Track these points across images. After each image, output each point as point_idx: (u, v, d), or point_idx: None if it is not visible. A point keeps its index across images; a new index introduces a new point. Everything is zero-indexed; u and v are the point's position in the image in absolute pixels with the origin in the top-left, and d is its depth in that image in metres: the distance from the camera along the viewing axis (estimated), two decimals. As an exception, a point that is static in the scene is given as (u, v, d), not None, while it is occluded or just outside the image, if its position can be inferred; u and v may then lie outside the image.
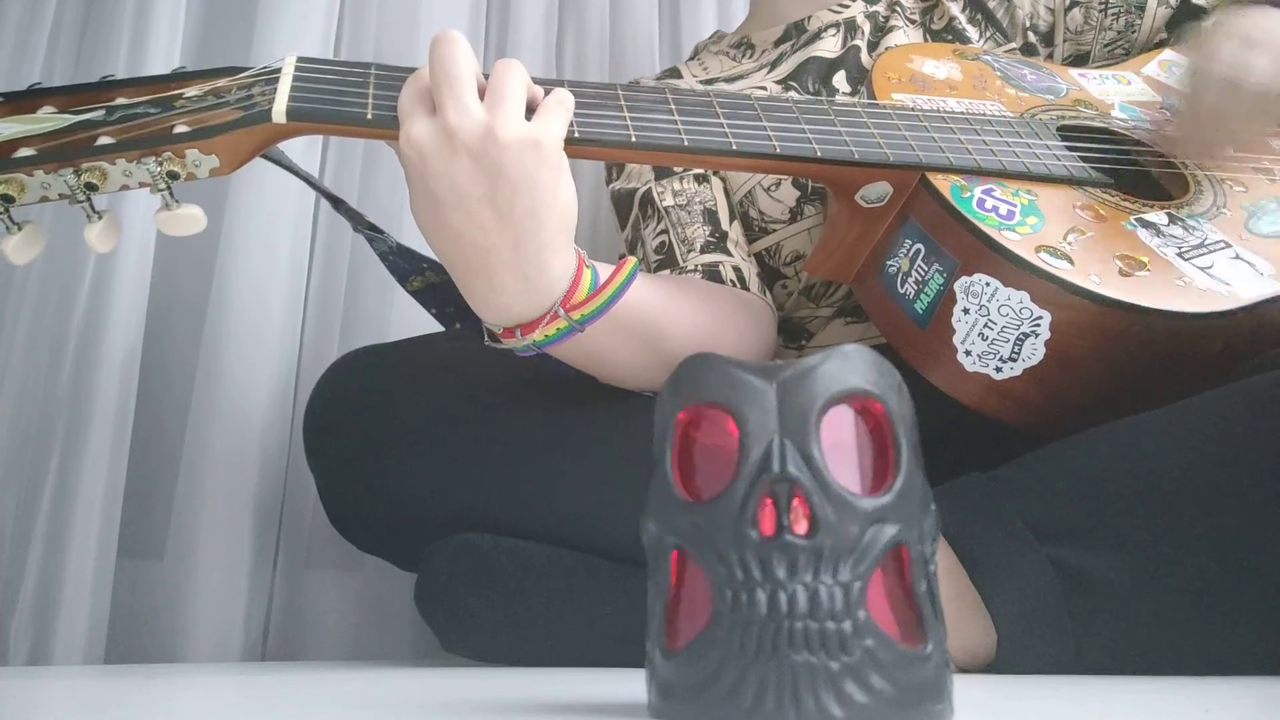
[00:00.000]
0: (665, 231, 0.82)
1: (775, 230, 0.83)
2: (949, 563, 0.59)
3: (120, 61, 0.84)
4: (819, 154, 0.64)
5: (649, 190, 0.85)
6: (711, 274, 0.78)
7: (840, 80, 0.87)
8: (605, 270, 0.59)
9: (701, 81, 0.93)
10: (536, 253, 0.55)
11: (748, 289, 0.78)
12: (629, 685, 0.49)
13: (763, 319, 0.78)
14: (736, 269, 0.79)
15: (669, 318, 0.65)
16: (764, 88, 0.88)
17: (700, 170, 0.85)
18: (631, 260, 0.59)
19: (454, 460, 0.68)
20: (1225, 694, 0.46)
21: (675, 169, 0.85)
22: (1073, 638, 0.56)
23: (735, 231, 0.83)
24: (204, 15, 0.97)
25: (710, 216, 0.82)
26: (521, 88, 0.54)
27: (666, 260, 0.80)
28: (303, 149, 0.92)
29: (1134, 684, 0.50)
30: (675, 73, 0.96)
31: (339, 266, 0.97)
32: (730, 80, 0.91)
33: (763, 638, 0.30)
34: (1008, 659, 0.57)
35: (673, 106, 0.63)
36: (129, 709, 0.43)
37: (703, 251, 0.80)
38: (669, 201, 0.83)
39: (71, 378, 0.79)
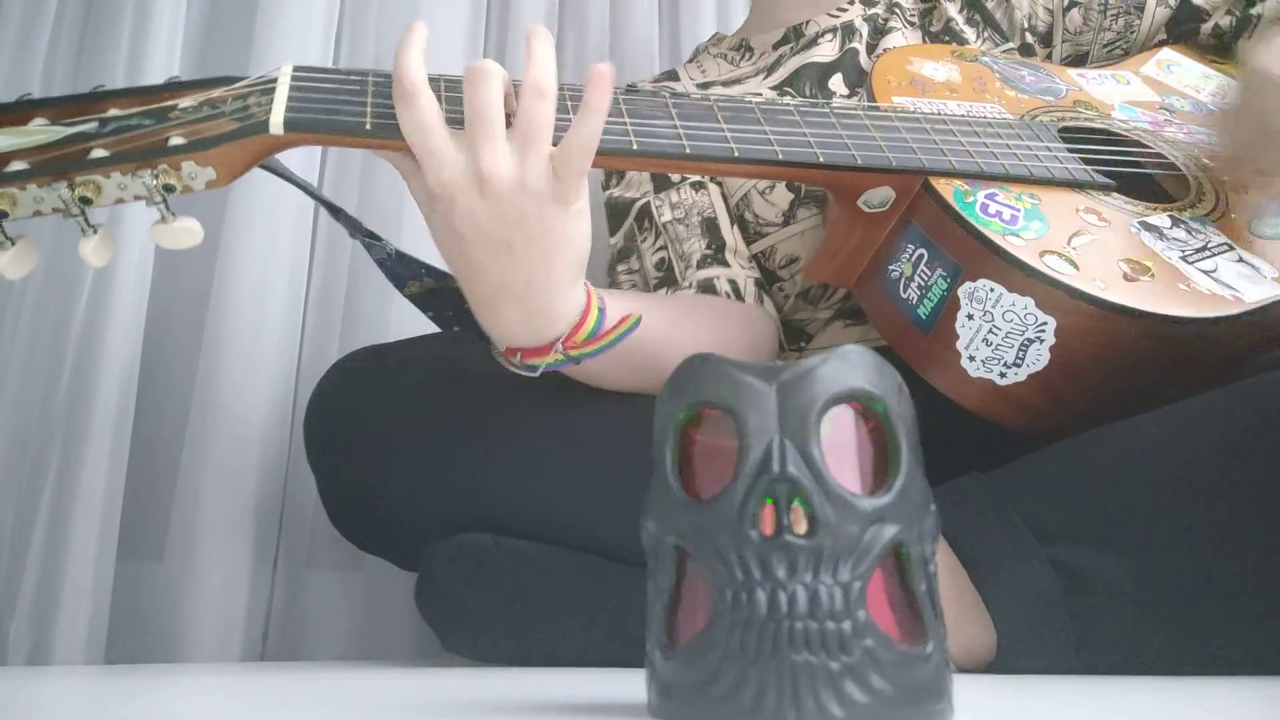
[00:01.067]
0: (664, 248, 0.83)
1: (769, 233, 0.83)
2: (949, 563, 0.59)
3: (120, 63, 0.84)
4: (821, 159, 0.63)
5: (647, 204, 0.85)
6: (706, 289, 0.79)
7: (837, 83, 0.87)
8: (615, 310, 0.61)
9: (699, 85, 0.93)
10: (545, 293, 0.56)
11: (742, 300, 0.78)
12: (629, 685, 0.49)
13: (762, 332, 0.78)
14: (732, 281, 0.79)
15: (667, 349, 0.67)
16: (759, 93, 0.88)
17: (698, 177, 0.85)
18: (633, 317, 0.61)
19: (454, 460, 0.68)
20: (1226, 694, 0.46)
21: (673, 178, 0.85)
22: (1073, 638, 0.56)
23: (735, 238, 0.83)
24: (204, 16, 0.98)
25: (709, 227, 0.83)
26: (550, 129, 0.53)
27: (666, 279, 0.81)
28: (302, 155, 0.92)
29: (1134, 684, 0.50)
30: (673, 75, 0.96)
31: (339, 268, 0.97)
32: (727, 84, 0.91)
33: (763, 638, 0.30)
34: (1008, 659, 0.57)
35: (674, 113, 0.63)
36: (129, 709, 0.43)
37: (699, 267, 0.80)
38: (667, 216, 0.84)
39: (72, 378, 0.79)
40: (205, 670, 0.71)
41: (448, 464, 0.68)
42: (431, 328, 0.72)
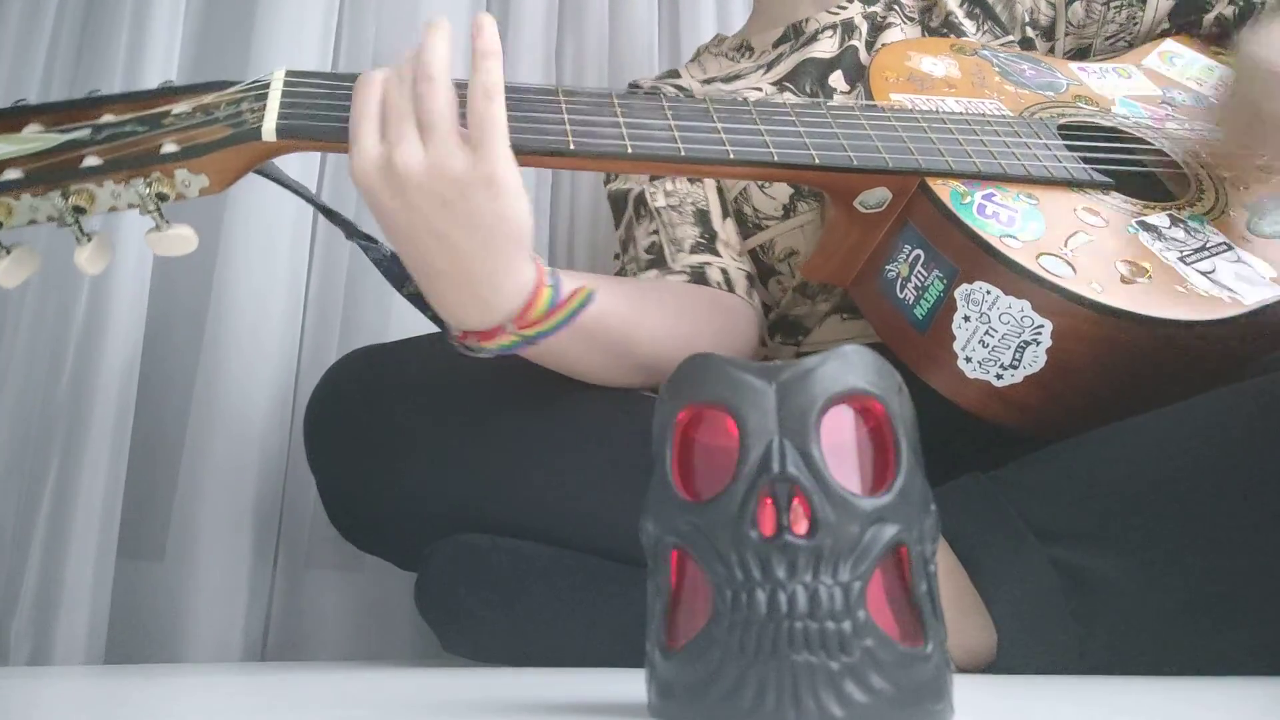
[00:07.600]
0: (656, 232, 0.83)
1: (769, 227, 0.83)
2: (949, 563, 0.59)
3: (119, 65, 0.84)
4: (817, 161, 0.63)
5: (642, 191, 0.85)
6: (698, 275, 0.78)
7: (837, 79, 0.87)
8: (569, 285, 0.59)
9: (700, 82, 0.93)
10: (489, 276, 0.56)
11: (733, 291, 0.78)
12: (629, 685, 0.49)
13: (744, 323, 0.78)
14: (724, 270, 0.79)
15: (636, 329, 0.66)
16: (759, 88, 0.88)
17: None
18: (586, 289, 0.59)
19: (453, 460, 0.68)
20: (1226, 694, 0.45)
21: None
22: (1074, 638, 0.56)
23: (726, 231, 0.83)
24: (203, 18, 0.97)
25: (701, 217, 0.83)
26: (443, 113, 0.52)
27: (656, 260, 0.81)
28: (300, 157, 0.92)
29: (1135, 684, 0.50)
30: (674, 74, 0.96)
31: (338, 269, 0.97)
32: (728, 80, 0.91)
33: (762, 638, 0.30)
34: (1008, 659, 0.57)
35: (669, 114, 0.62)
36: (129, 709, 0.43)
37: (691, 252, 0.80)
38: (661, 202, 0.84)
39: (72, 379, 0.79)
40: (205, 670, 0.71)
41: (446, 464, 0.68)
42: (430, 328, 0.72)
